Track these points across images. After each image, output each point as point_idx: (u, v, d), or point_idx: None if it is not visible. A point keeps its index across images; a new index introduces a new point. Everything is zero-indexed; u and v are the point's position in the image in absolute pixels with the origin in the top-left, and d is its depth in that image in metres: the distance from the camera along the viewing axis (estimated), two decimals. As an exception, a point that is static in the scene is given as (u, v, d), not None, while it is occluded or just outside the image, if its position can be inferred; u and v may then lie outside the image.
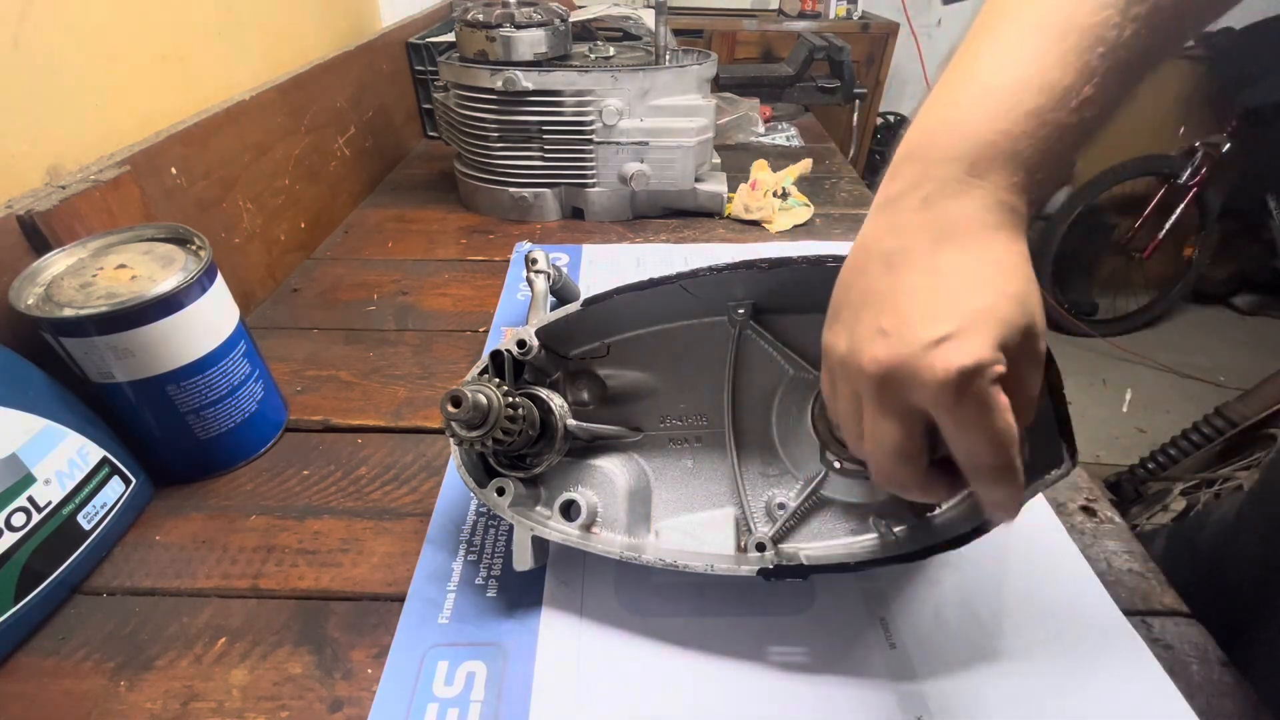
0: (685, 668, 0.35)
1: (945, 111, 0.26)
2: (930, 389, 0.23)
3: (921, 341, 0.23)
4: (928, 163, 0.25)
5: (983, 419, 0.23)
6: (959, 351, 0.22)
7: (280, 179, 0.70)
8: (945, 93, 0.26)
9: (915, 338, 0.23)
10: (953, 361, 0.22)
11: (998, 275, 0.24)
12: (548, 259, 0.55)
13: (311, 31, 0.82)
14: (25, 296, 0.38)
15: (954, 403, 0.23)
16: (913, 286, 0.24)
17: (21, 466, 0.35)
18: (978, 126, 0.25)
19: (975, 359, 0.22)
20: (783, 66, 1.15)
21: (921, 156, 0.26)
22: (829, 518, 0.38)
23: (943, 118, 0.26)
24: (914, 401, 0.24)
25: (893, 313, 0.24)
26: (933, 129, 0.26)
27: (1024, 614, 0.37)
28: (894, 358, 0.23)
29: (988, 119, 0.24)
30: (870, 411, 0.25)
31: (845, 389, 0.27)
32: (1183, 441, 1.37)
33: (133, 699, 0.33)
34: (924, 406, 0.24)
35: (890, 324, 0.24)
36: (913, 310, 0.24)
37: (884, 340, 0.24)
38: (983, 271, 0.24)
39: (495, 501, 0.36)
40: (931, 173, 0.25)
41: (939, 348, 0.23)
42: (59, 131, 0.48)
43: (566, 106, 0.75)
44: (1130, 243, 2.21)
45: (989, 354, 0.22)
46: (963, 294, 0.23)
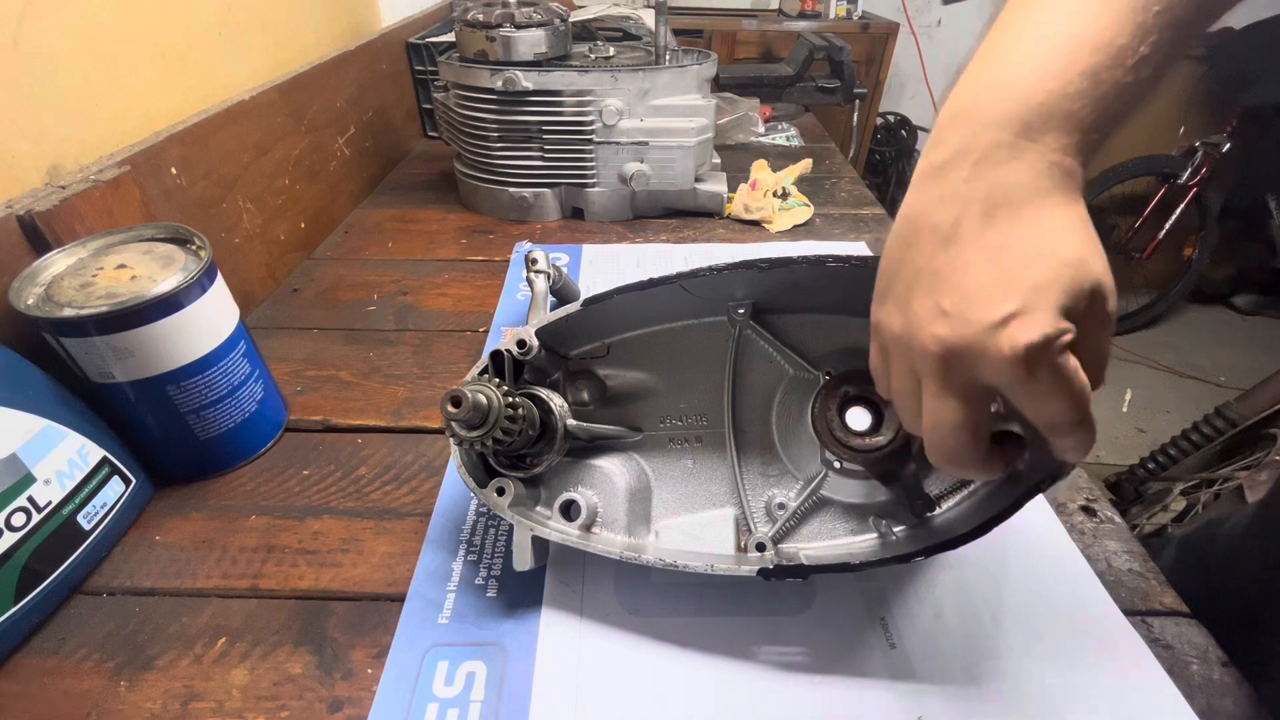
0: (685, 668, 0.35)
1: (995, 72, 0.25)
2: (1000, 369, 0.23)
3: (986, 322, 0.22)
4: (976, 126, 0.24)
5: (1057, 387, 0.23)
6: (1026, 329, 0.22)
7: (280, 179, 0.70)
8: (993, 52, 0.25)
9: (979, 318, 0.23)
10: (1020, 340, 0.22)
11: (1057, 243, 0.23)
12: (548, 259, 0.55)
13: (311, 31, 0.82)
14: (25, 296, 0.38)
15: (1027, 379, 0.22)
16: (969, 263, 0.23)
17: (21, 466, 0.35)
18: (1030, 86, 0.24)
19: (1042, 334, 0.22)
20: (783, 66, 1.15)
21: (969, 119, 0.25)
22: (829, 518, 0.38)
23: (992, 78, 0.25)
24: (981, 380, 0.24)
25: (952, 291, 0.24)
26: (981, 90, 0.25)
27: (1024, 614, 0.37)
28: (959, 339, 0.23)
29: (1040, 78, 0.24)
30: (932, 389, 0.25)
31: (901, 367, 0.26)
32: (1183, 441, 1.37)
33: (133, 699, 0.33)
34: (992, 384, 0.23)
35: (951, 304, 0.23)
36: (973, 289, 0.23)
37: (945, 321, 0.23)
38: (1041, 241, 0.23)
39: (495, 501, 0.36)
40: (981, 137, 0.24)
41: (1006, 327, 0.22)
42: (59, 131, 0.48)
43: (566, 106, 0.75)
44: (1130, 243, 2.21)
45: (1055, 327, 0.22)
46: (1023, 268, 0.23)
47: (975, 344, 0.23)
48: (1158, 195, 2.12)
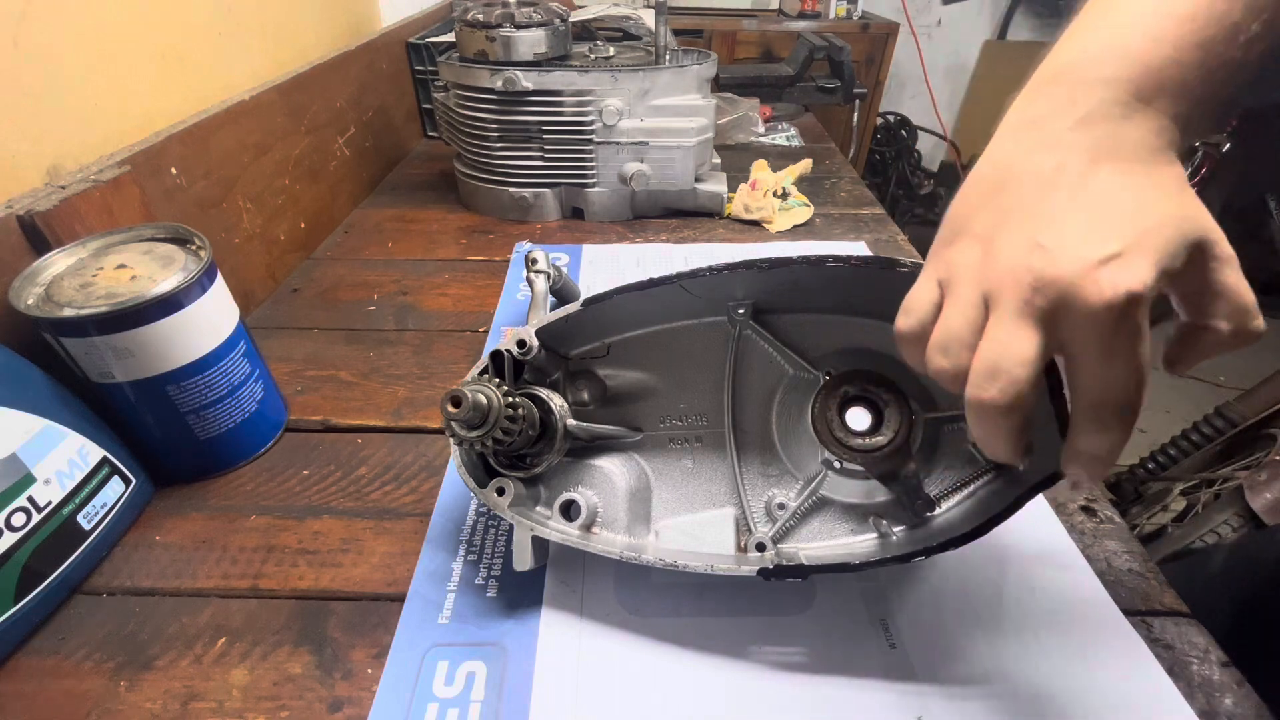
0: (685, 668, 0.35)
1: (1103, 35, 0.25)
2: (1093, 310, 0.22)
3: (1087, 259, 0.22)
4: (1084, 84, 0.24)
5: (1133, 349, 0.22)
6: (1127, 272, 0.21)
7: (280, 179, 0.70)
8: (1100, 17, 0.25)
9: (1080, 254, 0.22)
10: (1120, 283, 0.21)
11: (1163, 197, 0.23)
12: (548, 259, 0.55)
13: (311, 31, 0.82)
14: (25, 296, 0.38)
15: (1112, 328, 0.22)
16: (1073, 203, 0.23)
17: (21, 466, 0.35)
18: (1145, 51, 0.24)
19: (1142, 282, 0.21)
20: (783, 66, 1.15)
21: (1075, 78, 0.24)
22: (829, 518, 0.38)
23: (1103, 40, 0.25)
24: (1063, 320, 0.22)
25: (1052, 227, 0.23)
26: (1090, 50, 0.25)
27: (1024, 614, 0.37)
28: (1055, 271, 0.22)
29: (1156, 45, 0.23)
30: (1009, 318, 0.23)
31: (968, 297, 0.25)
32: (1183, 441, 1.37)
33: (133, 699, 0.33)
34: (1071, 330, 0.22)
35: (1050, 239, 0.23)
36: (1076, 226, 0.23)
37: (1042, 253, 0.22)
38: (1148, 193, 0.23)
39: (495, 501, 0.36)
40: (1090, 93, 0.24)
41: (1106, 267, 0.21)
42: (59, 131, 0.48)
43: (566, 106, 0.75)
44: (1130, 243, 2.21)
45: (1153, 278, 0.22)
46: (1129, 213, 0.22)
47: (1072, 279, 0.22)
48: (1158, 195, 2.12)
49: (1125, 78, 0.24)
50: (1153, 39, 0.24)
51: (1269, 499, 1.00)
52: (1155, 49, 0.24)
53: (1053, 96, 0.25)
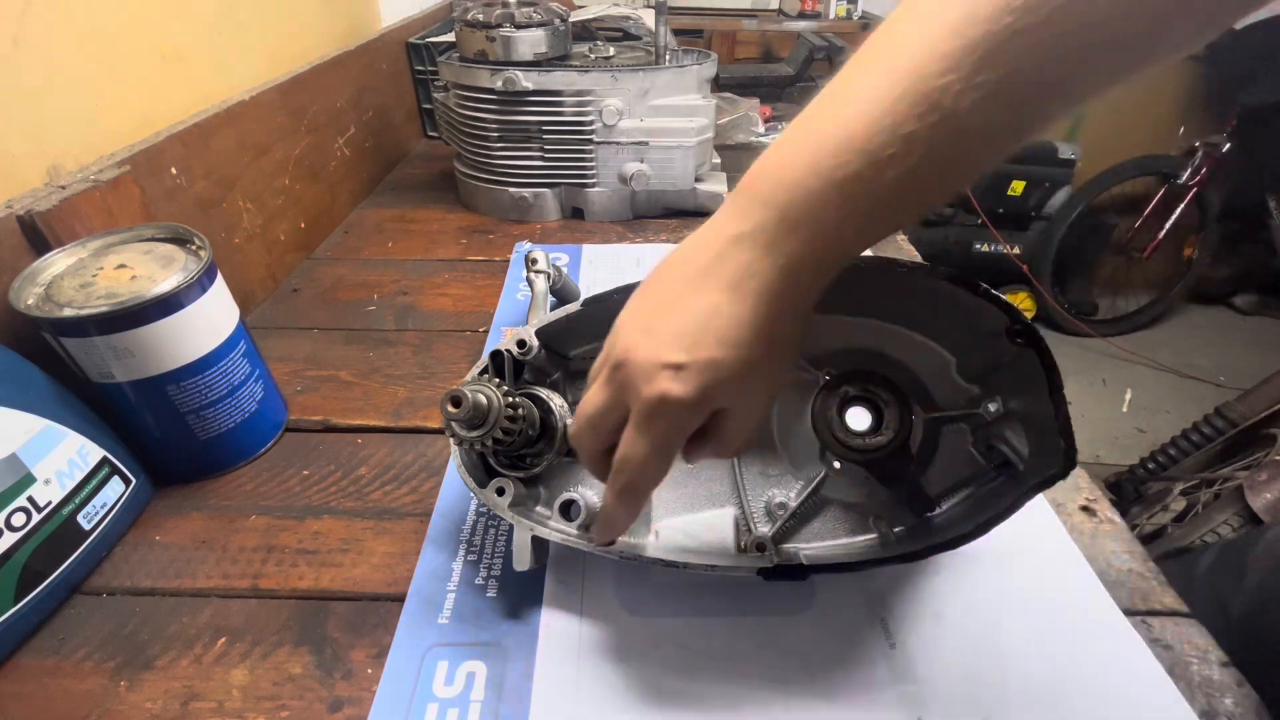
0: (685, 668, 0.35)
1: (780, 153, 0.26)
2: (639, 394, 0.26)
3: (659, 358, 0.26)
4: (752, 201, 0.26)
5: (656, 439, 0.27)
6: (674, 382, 0.26)
7: (280, 179, 0.70)
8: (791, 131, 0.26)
9: (657, 351, 0.26)
10: (665, 388, 0.26)
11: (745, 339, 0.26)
12: (548, 259, 0.55)
13: (311, 31, 0.82)
14: (25, 296, 0.38)
15: (646, 414, 0.27)
16: (685, 308, 0.26)
17: (21, 466, 0.35)
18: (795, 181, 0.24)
19: (680, 394, 0.26)
20: (783, 66, 1.15)
21: (750, 193, 0.26)
22: (829, 518, 0.38)
23: (776, 160, 0.26)
24: (627, 395, 0.27)
25: (661, 319, 0.27)
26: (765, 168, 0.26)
27: (1024, 614, 0.37)
28: (636, 356, 0.27)
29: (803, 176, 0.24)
30: (602, 377, 0.29)
31: (607, 347, 0.29)
32: (1183, 441, 1.38)
33: (133, 699, 0.33)
34: (629, 402, 0.27)
35: (653, 327, 0.27)
36: (672, 328, 0.26)
37: (642, 337, 0.27)
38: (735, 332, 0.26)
39: (495, 501, 0.36)
40: (753, 212, 0.25)
41: (666, 371, 0.26)
42: (59, 131, 0.48)
43: (566, 106, 0.75)
44: (1130, 243, 2.21)
45: (692, 396, 0.26)
46: (709, 340, 0.26)
47: (642, 366, 0.26)
48: (1158, 195, 2.12)
49: (779, 203, 0.25)
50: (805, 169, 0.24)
51: (1269, 499, 1.00)
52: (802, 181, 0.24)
53: (734, 204, 0.27)
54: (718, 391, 0.26)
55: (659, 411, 0.26)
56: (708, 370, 0.25)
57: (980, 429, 0.36)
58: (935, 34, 0.21)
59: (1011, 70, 0.21)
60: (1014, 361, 0.32)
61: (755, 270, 0.25)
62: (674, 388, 0.25)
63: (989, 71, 0.21)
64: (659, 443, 0.27)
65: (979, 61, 0.21)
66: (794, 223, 0.24)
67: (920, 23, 0.22)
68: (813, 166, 0.24)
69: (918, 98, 0.22)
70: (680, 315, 0.26)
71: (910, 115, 0.22)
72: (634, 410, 0.27)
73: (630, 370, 0.27)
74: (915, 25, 0.23)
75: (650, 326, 0.27)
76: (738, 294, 0.25)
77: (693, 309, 0.26)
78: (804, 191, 0.24)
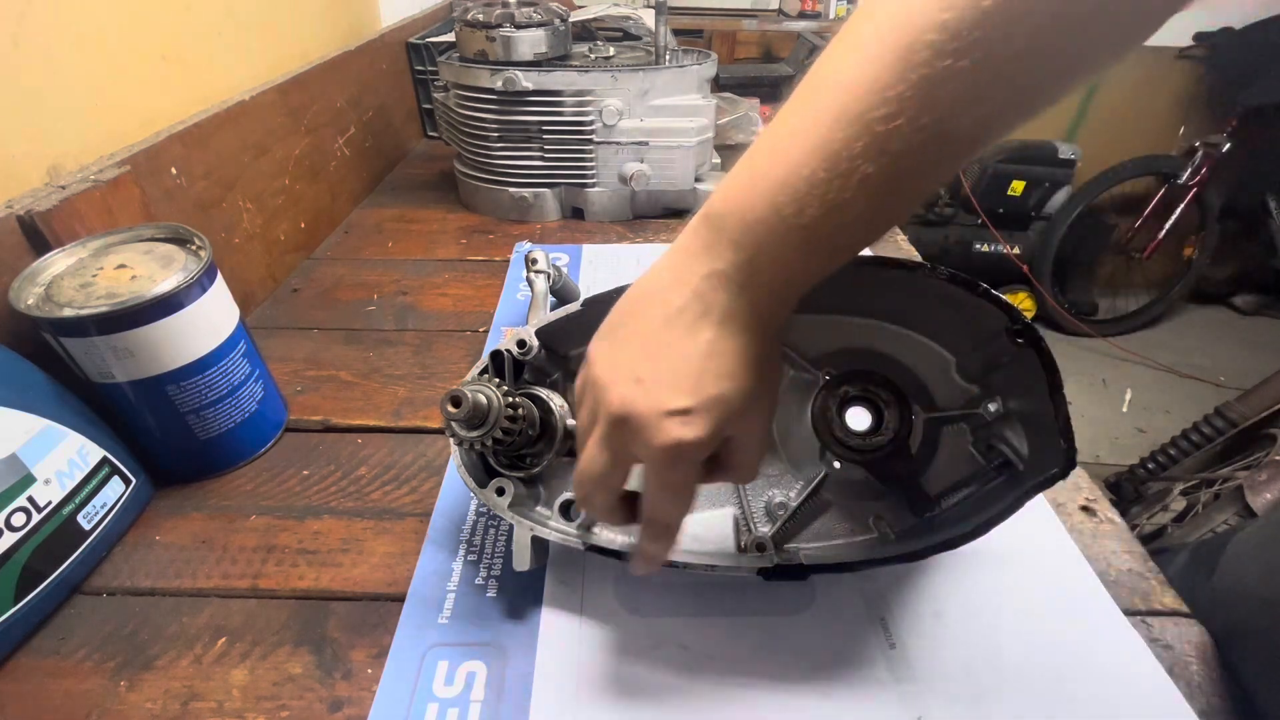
0: (685, 668, 0.35)
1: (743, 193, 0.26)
2: (652, 448, 0.26)
3: (663, 407, 0.26)
4: (724, 235, 0.26)
5: (677, 486, 0.28)
6: (687, 427, 0.25)
7: (280, 179, 0.70)
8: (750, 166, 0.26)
9: (659, 401, 0.26)
10: (678, 434, 0.25)
11: (740, 371, 0.26)
12: (548, 259, 0.55)
13: (311, 31, 0.82)
14: (25, 296, 0.38)
15: (664, 465, 0.27)
16: (677, 351, 0.26)
17: (21, 466, 0.35)
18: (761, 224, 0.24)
19: (695, 437, 0.25)
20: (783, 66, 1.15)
21: (720, 226, 0.26)
22: (829, 518, 0.38)
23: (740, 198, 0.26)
24: (634, 448, 0.27)
25: (651, 368, 0.26)
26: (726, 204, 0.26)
27: (1024, 614, 0.37)
28: (636, 409, 0.26)
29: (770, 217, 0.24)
30: (598, 435, 0.28)
31: (589, 403, 0.29)
32: (1183, 441, 1.37)
33: (133, 699, 0.33)
34: (639, 454, 0.27)
35: (646, 376, 0.26)
36: (667, 374, 0.26)
37: (636, 388, 0.26)
38: (730, 365, 0.26)
39: (495, 501, 0.36)
40: (724, 250, 0.26)
41: (673, 418, 0.26)
42: (59, 131, 0.48)
43: (566, 106, 0.75)
44: (1130, 243, 2.21)
45: (707, 436, 0.26)
46: (709, 380, 0.26)
47: (646, 418, 0.26)
48: (1158, 195, 2.12)
49: (749, 245, 0.25)
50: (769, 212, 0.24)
51: (1269, 499, 1.00)
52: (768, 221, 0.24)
53: (702, 235, 0.27)
54: (727, 424, 0.26)
55: (677, 458, 0.26)
56: (715, 407, 0.26)
57: (980, 429, 0.36)
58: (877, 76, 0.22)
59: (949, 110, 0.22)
60: (1014, 361, 0.32)
61: (735, 308, 0.26)
62: (686, 432, 0.25)
63: (930, 114, 0.21)
64: (682, 487, 0.28)
65: (921, 104, 0.21)
66: (762, 265, 0.25)
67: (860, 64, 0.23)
68: (775, 212, 0.24)
69: (869, 141, 0.22)
70: (673, 359, 0.26)
71: (862, 158, 0.22)
72: (649, 462, 0.27)
73: (634, 425, 0.26)
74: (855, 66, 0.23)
75: (640, 376, 0.26)
76: (724, 331, 0.26)
77: (685, 351, 0.26)
78: (770, 235, 0.24)
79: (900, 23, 0.22)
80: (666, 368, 0.26)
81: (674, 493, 0.28)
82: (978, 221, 2.08)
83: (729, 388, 0.26)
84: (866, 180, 0.23)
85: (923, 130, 0.22)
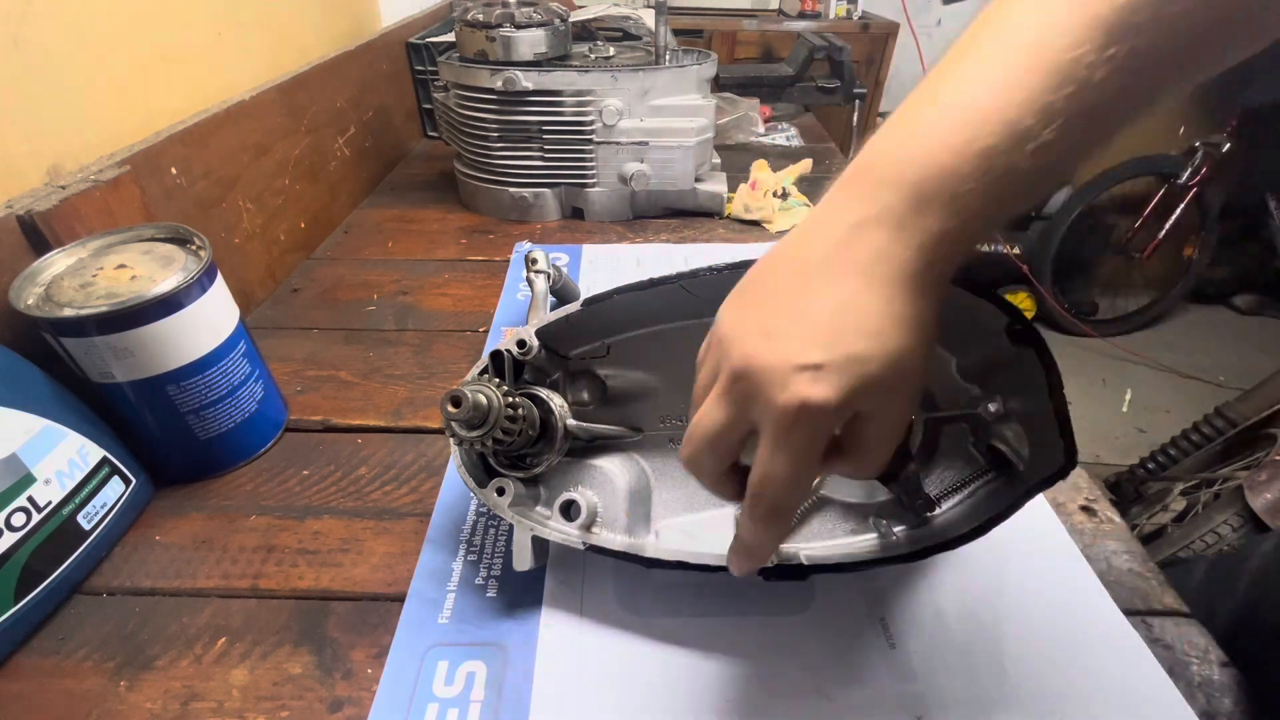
0: (685, 668, 0.35)
1: (901, 133, 0.25)
2: (775, 406, 0.23)
3: (792, 361, 0.23)
4: (873, 183, 0.24)
5: (798, 451, 0.24)
6: (815, 385, 0.23)
7: (280, 179, 0.70)
8: (907, 111, 0.25)
9: (788, 354, 0.23)
10: (805, 394, 0.23)
11: (888, 329, 0.23)
12: (548, 259, 0.55)
13: (311, 31, 0.82)
14: (25, 296, 0.38)
15: (784, 426, 0.23)
16: (813, 303, 0.24)
17: (21, 466, 0.35)
18: (927, 157, 0.23)
19: (823, 398, 0.23)
20: (783, 66, 1.15)
21: (869, 177, 0.25)
22: (829, 518, 0.38)
23: (898, 140, 0.25)
24: (753, 407, 0.24)
25: (783, 318, 0.24)
26: (886, 149, 0.25)
27: (1024, 614, 0.37)
28: (761, 362, 0.24)
29: (937, 151, 0.23)
30: (717, 390, 0.26)
31: (713, 360, 0.27)
32: (1183, 441, 1.37)
33: (133, 699, 0.33)
34: (758, 416, 0.24)
35: (777, 328, 0.24)
36: (800, 326, 0.24)
37: (763, 341, 0.24)
38: (875, 321, 0.23)
39: (495, 501, 0.36)
40: (877, 196, 0.24)
41: (801, 374, 0.23)
42: (59, 131, 0.48)
43: (566, 106, 0.75)
44: (1130, 243, 2.20)
45: (838, 399, 0.23)
46: (847, 334, 0.23)
47: (771, 372, 0.23)
48: (1158, 195, 2.12)
49: (909, 181, 0.23)
50: (936, 144, 0.23)
51: (1269, 499, 1.00)
52: (935, 156, 0.23)
53: (848, 191, 0.25)
54: (863, 390, 0.23)
55: (800, 420, 0.23)
56: (851, 366, 0.23)
57: (980, 429, 0.36)
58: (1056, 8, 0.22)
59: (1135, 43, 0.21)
60: (1014, 361, 0.32)
61: (889, 254, 0.23)
62: (815, 391, 0.23)
63: (1117, 45, 0.21)
64: (802, 457, 0.24)
65: (1107, 35, 0.21)
66: (928, 199, 0.23)
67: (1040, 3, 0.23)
68: (944, 142, 0.23)
69: (1051, 70, 0.21)
70: (808, 311, 0.24)
71: (1045, 88, 0.21)
72: (767, 423, 0.24)
73: (756, 379, 0.24)
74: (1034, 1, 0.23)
75: (770, 330, 0.24)
76: (872, 280, 0.23)
77: (822, 303, 0.24)
78: (938, 167, 0.23)
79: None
80: (801, 319, 0.24)
81: (791, 464, 0.24)
82: (978, 221, 2.08)
83: (871, 346, 0.23)
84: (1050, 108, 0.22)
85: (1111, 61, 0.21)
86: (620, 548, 0.36)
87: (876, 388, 0.23)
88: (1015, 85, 0.22)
